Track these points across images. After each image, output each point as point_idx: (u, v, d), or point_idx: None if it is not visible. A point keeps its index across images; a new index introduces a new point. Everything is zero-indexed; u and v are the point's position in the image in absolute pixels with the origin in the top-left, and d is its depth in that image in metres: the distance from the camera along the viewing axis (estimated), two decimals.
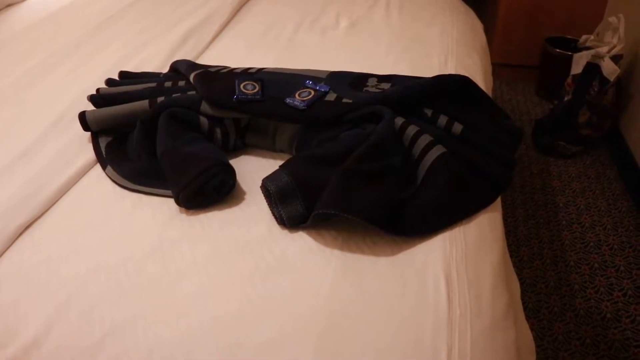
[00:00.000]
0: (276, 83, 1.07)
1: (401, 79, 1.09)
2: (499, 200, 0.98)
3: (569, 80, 2.27)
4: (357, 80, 1.08)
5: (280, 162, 1.00)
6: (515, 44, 2.71)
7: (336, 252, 0.81)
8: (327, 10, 1.70)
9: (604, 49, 2.08)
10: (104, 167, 1.02)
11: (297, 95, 1.01)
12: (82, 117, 1.08)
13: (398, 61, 1.36)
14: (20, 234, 0.89)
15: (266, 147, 1.05)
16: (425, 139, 0.91)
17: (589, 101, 2.16)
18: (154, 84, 1.16)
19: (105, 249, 0.85)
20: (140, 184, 0.97)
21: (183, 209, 0.92)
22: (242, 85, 1.03)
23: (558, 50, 2.49)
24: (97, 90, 1.18)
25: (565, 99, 2.26)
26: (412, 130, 0.93)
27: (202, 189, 0.89)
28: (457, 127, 0.99)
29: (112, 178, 1.00)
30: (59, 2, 1.93)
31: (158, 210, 0.92)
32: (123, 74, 1.27)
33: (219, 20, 1.62)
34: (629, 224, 1.92)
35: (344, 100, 0.99)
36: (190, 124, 1.01)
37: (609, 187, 2.10)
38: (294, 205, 0.84)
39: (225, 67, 1.21)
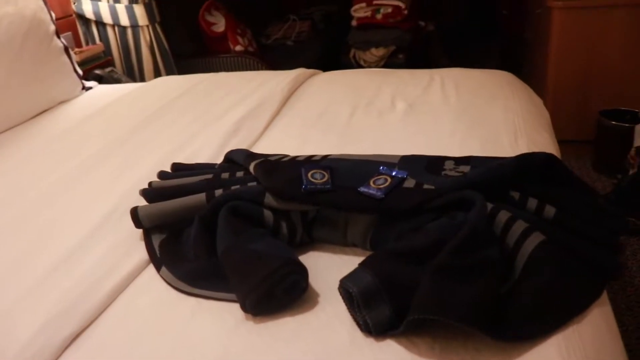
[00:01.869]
0: (346, 171, 0.98)
1: (480, 161, 1.00)
2: (604, 291, 0.84)
3: (632, 152, 2.15)
4: (432, 163, 0.99)
5: (354, 258, 0.90)
6: (567, 119, 2.61)
7: None
8: (380, 93, 1.64)
9: None
10: (157, 268, 0.94)
11: (371, 182, 0.92)
12: (134, 212, 1.01)
13: (465, 141, 1.27)
14: (67, 346, 0.80)
15: (336, 242, 0.95)
16: (520, 226, 0.80)
17: None
18: (209, 176, 1.09)
19: None
20: (199, 287, 0.88)
21: (249, 315, 0.81)
22: (309, 174, 0.95)
23: (614, 122, 2.38)
24: (150, 183, 1.11)
25: (630, 172, 2.13)
26: (503, 216, 0.82)
27: (272, 292, 0.79)
28: (550, 211, 0.87)
29: (168, 280, 0.91)
30: (108, 98, 1.94)
31: (221, 317, 0.82)
32: (176, 166, 1.21)
33: (270, 107, 1.57)
34: None
35: (425, 186, 0.89)
36: (253, 219, 0.93)
37: None
38: (381, 309, 0.73)
39: (286, 156, 1.13)
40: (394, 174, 0.94)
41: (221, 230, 0.89)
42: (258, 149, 1.36)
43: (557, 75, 2.58)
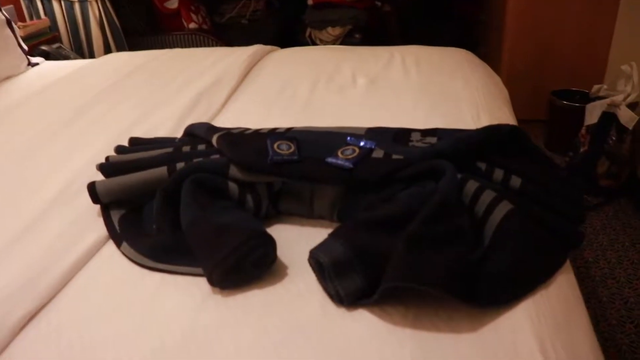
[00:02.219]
0: (312, 142, 0.96)
1: (447, 133, 1.00)
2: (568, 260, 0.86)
3: (583, 131, 2.21)
4: (399, 135, 0.99)
5: (321, 230, 0.89)
6: (521, 99, 2.65)
7: (408, 332, 0.68)
8: (341, 69, 1.63)
9: (619, 98, 2.03)
10: (118, 244, 0.90)
11: (339, 153, 0.90)
12: (92, 188, 0.96)
13: (428, 116, 1.27)
14: (24, 326, 0.76)
15: (303, 214, 0.94)
16: (488, 195, 0.81)
17: (608, 151, 2.09)
18: (170, 149, 1.05)
19: (127, 341, 0.72)
20: (163, 262, 0.85)
21: (217, 289, 0.79)
22: (275, 145, 0.92)
23: (565, 102, 2.44)
24: (107, 158, 1.07)
25: (581, 150, 2.19)
26: (472, 186, 0.82)
27: (239, 265, 0.77)
28: (516, 181, 0.88)
29: (129, 256, 0.87)
30: (56, 74, 1.85)
31: (187, 292, 0.80)
32: (134, 141, 1.17)
33: (228, 83, 1.54)
34: None
35: (394, 156, 0.89)
36: (218, 192, 0.90)
37: (638, 238, 2.00)
38: (352, 278, 0.72)
39: (248, 129, 1.11)
40: (362, 144, 0.93)
41: (185, 203, 0.86)
42: (218, 123, 1.33)
43: (512, 57, 2.63)
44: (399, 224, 0.75)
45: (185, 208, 0.86)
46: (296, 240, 0.88)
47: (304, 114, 1.35)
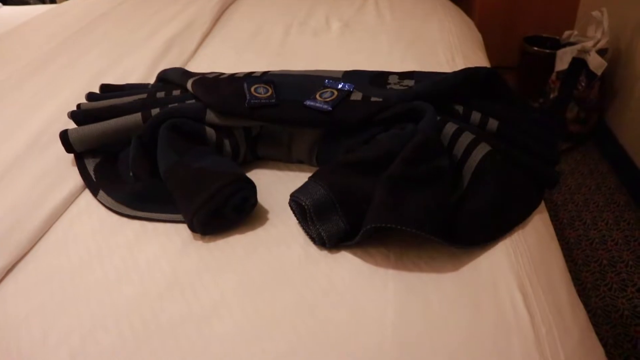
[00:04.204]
0: (290, 85, 0.95)
1: (424, 75, 1.00)
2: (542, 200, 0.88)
3: (553, 77, 2.23)
4: (377, 78, 0.98)
5: (300, 174, 0.89)
6: (491, 46, 2.66)
7: (391, 273, 0.70)
8: (314, 13, 1.59)
9: (589, 44, 2.04)
10: (94, 193, 0.88)
11: (317, 96, 0.89)
12: (64, 136, 0.94)
13: (404, 60, 1.26)
14: (1, 280, 0.74)
15: (281, 158, 0.93)
16: (467, 137, 0.81)
17: (577, 97, 2.12)
18: (144, 95, 1.02)
19: (110, 291, 0.71)
20: (142, 209, 0.84)
21: (198, 235, 0.79)
22: (252, 89, 0.91)
23: (536, 48, 2.45)
24: (78, 105, 1.03)
25: (551, 96, 2.22)
26: (450, 128, 0.83)
27: (220, 209, 0.77)
28: (493, 124, 0.89)
29: (107, 205, 0.86)
30: (16, 20, 1.77)
31: (168, 239, 0.79)
32: (105, 88, 1.13)
33: (201, 26, 1.49)
34: (630, 218, 1.87)
35: (373, 99, 0.88)
36: (195, 137, 0.89)
37: (604, 182, 2.05)
38: (334, 220, 0.73)
39: (223, 74, 1.08)
40: (339, 86, 0.92)
41: (162, 149, 0.85)
42: (191, 68, 1.30)
43: (483, 3, 2.61)
44: (380, 165, 0.75)
45: (162, 154, 0.84)
46: (275, 185, 0.88)
47: (279, 58, 1.32)
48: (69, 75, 1.27)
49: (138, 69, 1.27)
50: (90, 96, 1.08)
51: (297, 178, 0.89)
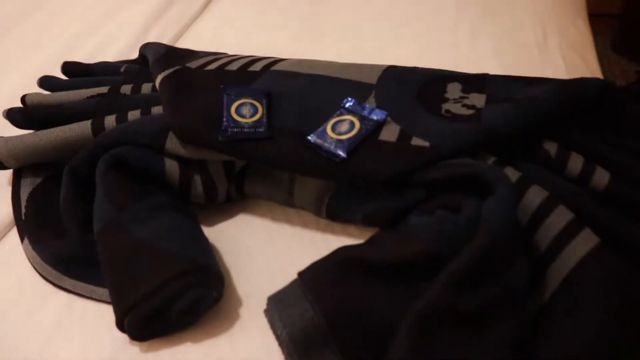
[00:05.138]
0: (293, 100, 0.65)
1: (501, 85, 0.66)
2: None
3: None
4: (428, 89, 0.65)
5: (308, 233, 0.61)
6: None
7: None
8: None
9: None
10: (21, 238, 0.65)
11: (329, 128, 0.59)
12: None
13: (474, 35, 0.92)
14: None
15: (279, 201, 0.65)
16: (562, 216, 0.50)
17: None
18: (105, 89, 0.75)
19: None
20: (70, 275, 0.59)
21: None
22: (234, 107, 0.61)
23: None
24: (22, 98, 0.78)
25: None
26: (535, 196, 0.52)
27: (164, 310, 0.51)
28: (601, 177, 0.57)
29: (30, 260, 0.62)
30: None
31: (95, 333, 0.56)
32: (67, 68, 0.86)
33: None
34: None
35: (414, 140, 0.57)
36: (149, 174, 0.61)
37: None
38: (325, 356, 0.45)
39: (217, 56, 0.79)
40: (365, 112, 0.61)
41: (98, 195, 0.59)
42: (192, 33, 1.01)
43: None
44: (409, 275, 0.46)
45: (97, 204, 0.58)
46: (262, 249, 0.61)
47: (304, 25, 1.01)
48: (28, 45, 1.01)
49: (124, 34, 1.00)
50: (44, 82, 0.82)
51: (300, 238, 0.62)
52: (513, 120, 0.57)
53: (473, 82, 0.67)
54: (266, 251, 0.61)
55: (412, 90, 0.65)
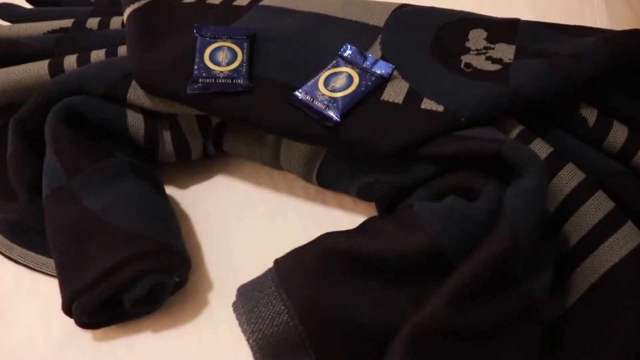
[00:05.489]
0: (282, 45, 0.54)
1: (535, 32, 0.54)
2: None
3: None
4: (447, 36, 0.53)
5: (297, 203, 0.53)
6: None
7: None
8: None
9: None
10: None
11: (321, 82, 0.48)
12: None
13: None
14: None
15: (261, 161, 0.56)
16: (600, 205, 0.41)
17: None
18: (69, 22, 0.65)
19: None
20: (20, 243, 0.52)
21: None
22: (208, 51, 0.51)
23: None
24: None
25: None
26: (569, 178, 0.42)
27: (117, 297, 0.43)
28: None
29: None
30: None
31: (43, 314, 0.48)
32: None
33: None
34: None
35: (425, 102, 0.46)
36: (109, 125, 0.52)
37: None
38: None
39: None
40: (367, 63, 0.50)
41: (48, 154, 0.50)
42: None
43: None
44: (409, 273, 0.38)
45: (46, 165, 0.49)
46: (240, 218, 0.52)
47: None
48: None
49: None
50: (3, 11, 0.71)
51: (285, 208, 0.53)
52: (548, 82, 0.46)
53: (501, 28, 0.55)
54: (244, 222, 0.52)
55: (426, 37, 0.54)
